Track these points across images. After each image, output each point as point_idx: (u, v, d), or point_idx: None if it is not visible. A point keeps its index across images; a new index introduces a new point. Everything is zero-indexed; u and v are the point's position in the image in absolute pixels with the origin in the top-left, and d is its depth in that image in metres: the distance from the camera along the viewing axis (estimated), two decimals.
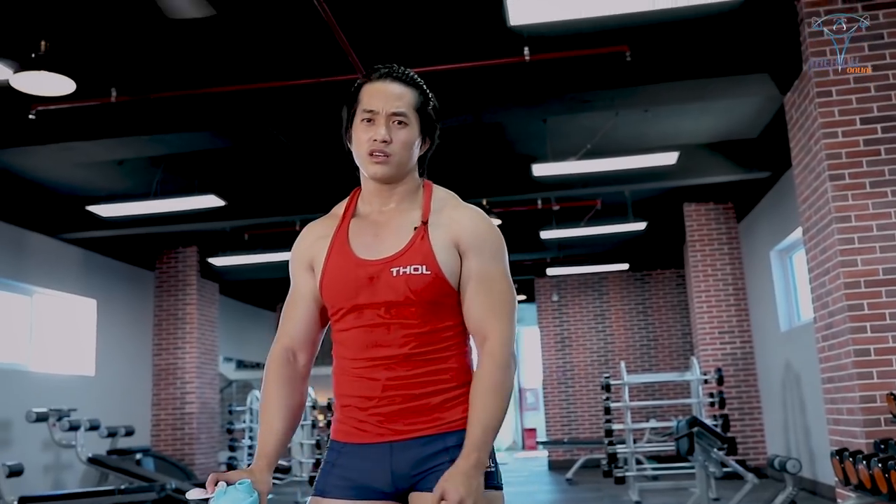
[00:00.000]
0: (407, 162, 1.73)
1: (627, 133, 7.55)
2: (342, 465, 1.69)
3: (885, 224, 4.90)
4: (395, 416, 1.64)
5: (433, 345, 1.66)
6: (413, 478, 1.64)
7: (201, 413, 10.83)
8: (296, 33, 5.60)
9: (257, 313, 15.20)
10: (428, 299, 1.65)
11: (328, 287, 1.71)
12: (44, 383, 8.58)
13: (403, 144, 1.71)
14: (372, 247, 1.70)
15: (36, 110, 5.86)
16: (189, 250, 10.95)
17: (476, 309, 1.69)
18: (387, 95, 1.72)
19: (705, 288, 10.14)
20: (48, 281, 8.91)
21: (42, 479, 8.35)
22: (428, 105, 1.77)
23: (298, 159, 7.96)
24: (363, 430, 1.67)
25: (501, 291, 1.71)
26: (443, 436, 1.64)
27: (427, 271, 1.64)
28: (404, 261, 1.65)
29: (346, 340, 1.70)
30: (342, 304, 1.69)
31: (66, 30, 5.35)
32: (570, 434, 12.80)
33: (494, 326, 1.67)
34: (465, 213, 1.73)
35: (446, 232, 1.69)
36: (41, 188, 8.48)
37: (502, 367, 1.64)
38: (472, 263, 1.69)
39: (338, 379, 1.72)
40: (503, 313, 1.69)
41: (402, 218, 1.73)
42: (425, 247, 1.67)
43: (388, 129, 1.69)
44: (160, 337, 10.87)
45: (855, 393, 4.81)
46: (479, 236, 1.71)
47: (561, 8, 4.53)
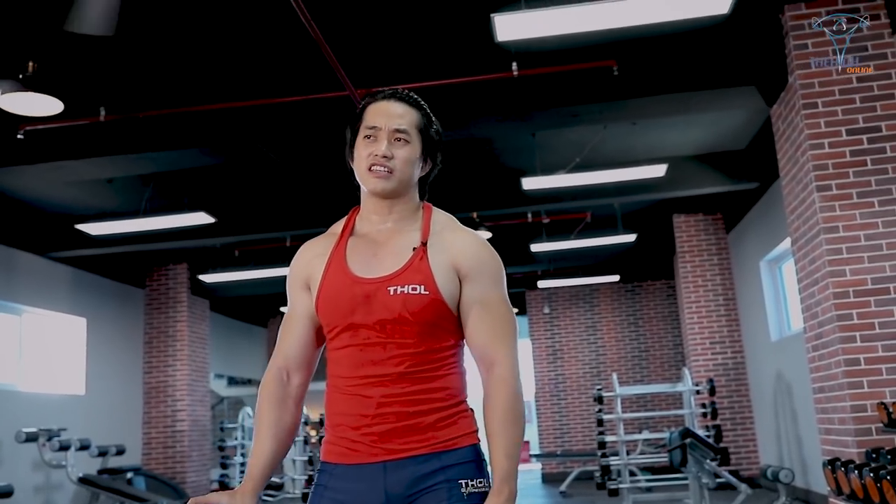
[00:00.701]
0: (408, 179, 1.74)
1: (616, 146, 7.59)
2: (334, 487, 1.66)
3: (873, 234, 4.94)
4: (389, 435, 1.62)
5: (428, 364, 1.66)
6: (407, 498, 1.62)
7: (192, 431, 10.78)
8: (284, 51, 5.61)
9: (248, 329, 15.15)
10: (425, 320, 1.64)
11: (324, 305, 1.70)
12: (33, 403, 8.52)
13: (405, 161, 1.72)
14: (370, 265, 1.70)
15: (24, 130, 5.85)
16: (179, 267, 10.92)
17: (481, 335, 1.70)
18: (390, 114, 1.73)
19: (696, 299, 10.17)
20: (37, 300, 8.87)
21: (32, 500, 8.29)
22: (431, 127, 1.78)
23: (288, 176, 7.97)
24: (355, 450, 1.65)
25: (504, 315, 1.72)
26: (438, 455, 1.62)
27: (425, 291, 1.64)
28: (402, 280, 1.65)
29: (341, 359, 1.69)
30: (338, 321, 1.69)
31: (54, 50, 5.35)
32: (563, 446, 12.78)
33: (501, 351, 1.68)
34: (465, 239, 1.74)
35: (446, 255, 1.69)
36: (30, 207, 8.45)
37: (516, 393, 1.66)
38: (474, 289, 1.70)
39: (330, 398, 1.71)
40: (507, 337, 1.70)
41: (401, 238, 1.73)
42: (424, 267, 1.67)
43: (390, 146, 1.71)
44: (151, 355, 10.82)
45: (846, 402, 4.83)
46: (480, 262, 1.71)
47: (548, 24, 4.56)
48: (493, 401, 1.66)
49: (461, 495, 1.60)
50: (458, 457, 1.63)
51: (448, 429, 1.64)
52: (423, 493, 1.61)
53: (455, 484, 1.61)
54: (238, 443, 10.44)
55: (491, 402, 1.66)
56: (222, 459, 10.26)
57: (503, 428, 1.63)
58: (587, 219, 9.51)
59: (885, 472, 4.00)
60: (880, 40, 5.07)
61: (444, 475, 1.61)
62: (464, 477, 1.62)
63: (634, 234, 9.83)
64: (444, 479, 1.60)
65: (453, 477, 1.61)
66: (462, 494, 1.60)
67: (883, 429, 4.55)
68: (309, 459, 10.07)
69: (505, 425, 1.63)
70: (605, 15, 4.52)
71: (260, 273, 10.39)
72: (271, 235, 9.27)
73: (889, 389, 4.73)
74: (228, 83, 6.05)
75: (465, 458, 1.64)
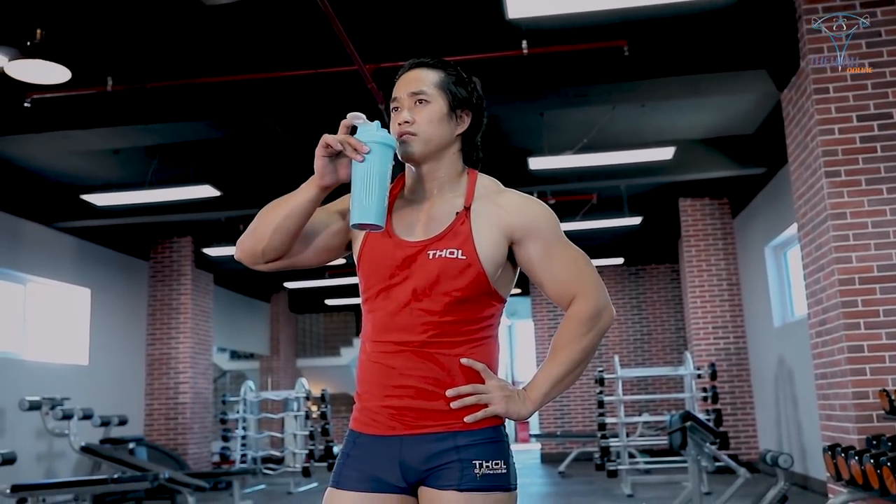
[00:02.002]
0: (437, 139, 1.70)
1: (624, 128, 7.56)
2: (356, 456, 1.67)
3: (880, 221, 4.92)
4: (407, 411, 1.62)
5: (454, 336, 1.64)
6: (423, 473, 1.62)
7: (195, 403, 10.83)
8: (293, 24, 5.58)
9: (251, 304, 15.18)
10: (458, 287, 1.63)
11: (365, 265, 1.70)
12: (37, 372, 8.56)
13: (427, 121, 1.69)
14: (413, 228, 1.69)
15: (31, 98, 5.83)
16: (184, 240, 10.93)
17: (556, 287, 1.71)
18: (408, 82, 1.73)
19: (699, 283, 10.16)
20: (42, 270, 8.88)
21: (35, 468, 8.35)
22: (458, 82, 1.74)
23: (294, 150, 7.94)
24: (376, 421, 1.65)
25: (572, 261, 1.72)
26: (454, 434, 1.61)
27: (462, 256, 1.62)
28: (442, 244, 1.64)
29: (372, 321, 1.70)
30: (376, 282, 1.68)
31: (62, 18, 5.32)
32: (563, 427, 12.83)
33: (578, 289, 1.70)
34: (510, 199, 1.72)
35: (492, 220, 1.67)
36: (36, 177, 8.45)
37: (584, 321, 1.69)
38: (533, 247, 1.70)
39: (361, 365, 1.72)
40: (581, 275, 1.71)
41: (445, 203, 1.71)
42: (464, 231, 1.65)
43: (410, 111, 1.70)
44: (154, 327, 10.85)
45: (848, 389, 4.83)
46: (531, 219, 1.70)
47: (559, 2, 4.53)
48: (560, 327, 1.71)
49: (473, 476, 1.59)
50: (475, 437, 1.61)
51: (467, 408, 1.62)
52: (437, 469, 1.61)
53: (469, 464, 1.59)
54: (240, 416, 10.49)
55: (560, 328, 1.71)
56: (224, 432, 10.32)
57: (555, 345, 1.70)
58: (593, 200, 9.49)
59: (885, 458, 4.01)
60: (893, 26, 5.02)
61: (457, 454, 1.60)
62: (479, 458, 1.60)
63: (640, 217, 9.80)
64: (457, 458, 1.60)
65: (467, 457, 1.60)
66: (475, 475, 1.59)
67: (884, 416, 4.56)
68: (310, 434, 10.12)
69: (557, 345, 1.70)
70: None
71: None
72: None
73: (891, 377, 4.73)
74: (236, 56, 6.02)
75: (481, 439, 1.62)
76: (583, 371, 1.72)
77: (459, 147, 1.76)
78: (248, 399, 10.69)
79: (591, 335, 1.69)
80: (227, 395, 10.94)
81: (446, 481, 1.59)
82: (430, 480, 1.61)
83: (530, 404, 1.66)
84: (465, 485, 1.58)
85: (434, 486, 1.61)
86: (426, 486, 1.62)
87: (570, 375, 1.69)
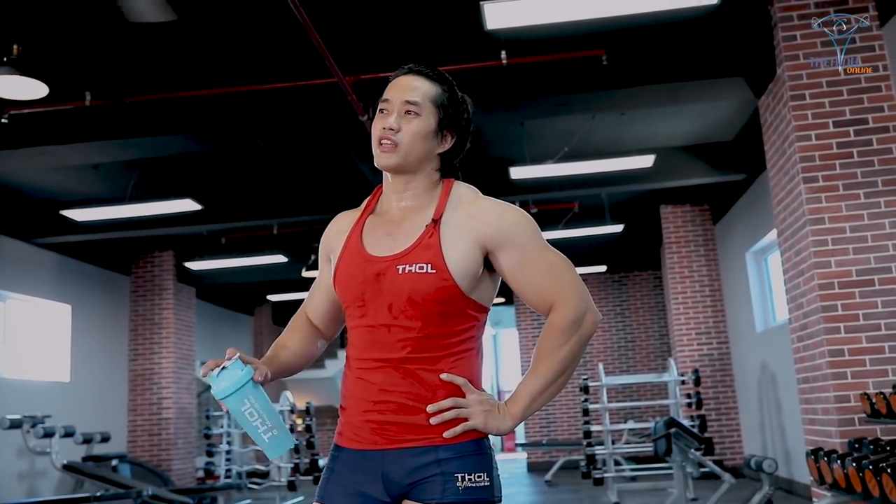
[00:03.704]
0: (417, 154, 1.68)
1: (604, 136, 7.59)
2: (339, 471, 1.67)
3: (858, 226, 4.96)
4: (388, 425, 1.62)
5: (433, 351, 1.62)
6: (405, 487, 1.61)
7: (178, 418, 10.75)
8: (272, 37, 5.58)
9: (234, 317, 15.11)
10: (432, 302, 1.60)
11: (339, 282, 1.70)
12: (18, 389, 8.47)
13: (413, 134, 1.67)
14: (384, 244, 1.68)
15: (9, 114, 5.79)
16: (165, 254, 10.86)
17: (533, 294, 1.68)
18: (403, 87, 1.70)
19: (682, 289, 10.21)
20: (22, 286, 8.80)
21: (16, 487, 8.25)
22: (451, 101, 1.72)
23: (275, 163, 7.93)
24: (359, 435, 1.65)
25: (550, 266, 1.68)
26: (435, 448, 1.60)
27: (432, 270, 1.60)
28: (410, 259, 1.62)
29: (353, 338, 1.70)
30: (351, 300, 1.68)
31: (39, 33, 5.29)
32: (549, 435, 12.83)
33: (556, 296, 1.67)
34: (484, 208, 1.68)
35: (464, 230, 1.64)
36: (15, 192, 8.38)
37: (563, 330, 1.65)
38: (510, 255, 1.66)
39: (344, 379, 1.72)
40: (560, 281, 1.67)
41: (416, 216, 1.69)
42: (433, 245, 1.62)
43: (399, 119, 1.67)
44: (136, 342, 10.77)
45: (830, 393, 4.86)
46: (506, 227, 1.66)
47: (537, 12, 4.55)
48: (540, 337, 1.69)
49: (456, 489, 1.58)
50: (456, 451, 1.60)
51: (448, 423, 1.61)
52: (420, 483, 1.60)
53: (451, 477, 1.58)
54: (224, 431, 10.41)
55: (539, 338, 1.69)
56: (208, 447, 10.23)
57: (536, 356, 1.68)
58: (575, 209, 9.52)
59: (867, 461, 4.03)
60: (868, 32, 5.08)
61: (439, 468, 1.59)
62: (461, 471, 1.59)
63: (622, 225, 9.85)
64: (439, 471, 1.59)
65: (449, 471, 1.58)
66: (457, 488, 1.58)
67: (866, 419, 4.59)
68: (295, 448, 10.06)
69: (537, 356, 1.67)
70: (595, 4, 4.52)
71: (246, 261, 10.36)
72: (258, 223, 9.23)
73: (872, 380, 4.77)
74: (216, 69, 6.01)
75: (463, 452, 1.60)
76: (567, 380, 1.69)
77: (438, 165, 1.74)
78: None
79: (571, 344, 1.65)
80: (210, 410, 10.84)
81: (429, 495, 1.58)
82: (413, 494, 1.61)
83: (510, 419, 1.64)
84: (448, 498, 1.57)
85: (417, 499, 1.60)
86: (409, 499, 1.61)
87: (552, 387, 1.66)
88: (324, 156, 7.72)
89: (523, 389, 1.66)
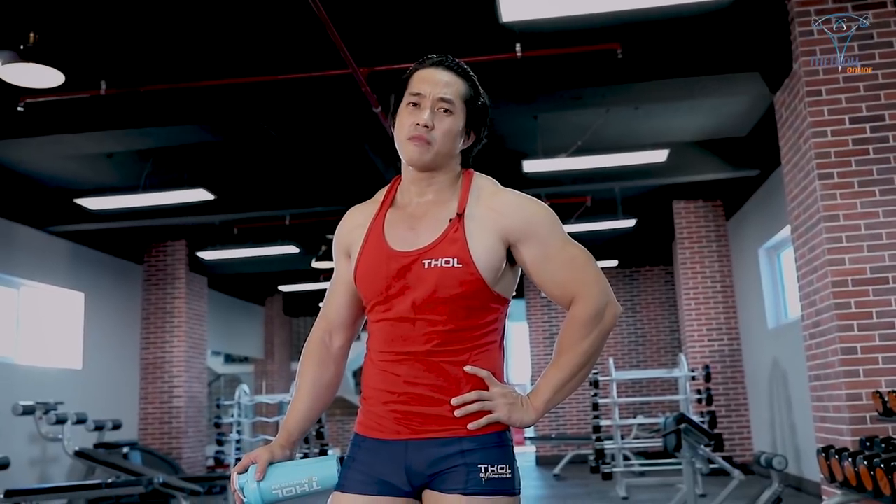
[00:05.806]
0: (448, 152, 1.69)
1: (618, 130, 7.57)
2: (361, 460, 1.67)
3: (873, 223, 4.93)
4: (412, 415, 1.63)
5: (458, 343, 1.63)
6: (428, 477, 1.62)
7: (189, 407, 10.81)
8: (287, 27, 5.58)
9: (246, 307, 15.16)
10: (457, 295, 1.61)
11: (361, 278, 1.70)
12: (31, 376, 8.54)
13: (446, 133, 1.67)
14: (407, 239, 1.67)
15: (24, 102, 5.82)
16: (178, 244, 10.91)
17: (555, 287, 1.69)
18: (436, 81, 1.68)
19: (693, 285, 10.18)
20: (36, 274, 8.86)
21: (28, 473, 8.32)
22: (478, 99, 1.73)
23: (288, 154, 7.94)
24: (382, 424, 1.66)
25: (571, 259, 1.69)
26: (459, 439, 1.61)
27: (459, 264, 1.60)
28: (437, 253, 1.62)
29: (376, 332, 1.70)
30: (374, 295, 1.68)
31: (56, 21, 5.31)
32: (558, 430, 12.83)
33: (577, 290, 1.67)
34: (504, 200, 1.69)
35: (487, 224, 1.65)
36: (29, 180, 8.43)
37: (584, 323, 1.66)
38: (532, 249, 1.67)
39: (365, 371, 1.72)
40: (581, 274, 1.68)
41: (440, 210, 1.69)
42: (459, 239, 1.62)
43: (433, 115, 1.66)
44: (148, 331, 10.83)
45: (841, 391, 4.84)
46: (527, 219, 1.68)
47: (553, 5, 4.54)
48: (561, 331, 1.70)
49: (479, 480, 1.59)
50: (480, 442, 1.61)
51: (472, 415, 1.62)
52: (442, 473, 1.61)
53: (474, 468, 1.59)
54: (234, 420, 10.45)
55: (560, 332, 1.70)
56: (218, 436, 10.27)
57: (557, 350, 1.69)
58: (587, 203, 9.50)
59: (878, 460, 4.02)
60: (886, 28, 5.04)
61: (462, 459, 1.60)
62: (484, 462, 1.60)
63: (634, 220, 9.82)
64: (462, 462, 1.59)
65: (472, 462, 1.60)
66: (480, 479, 1.59)
67: (878, 417, 4.57)
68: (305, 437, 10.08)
69: (559, 349, 1.68)
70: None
71: (259, 251, 10.39)
72: (271, 213, 9.25)
73: (885, 378, 4.75)
74: (230, 59, 6.01)
75: (486, 444, 1.62)
76: (588, 373, 1.70)
77: (459, 160, 1.76)
78: (242, 403, 10.63)
79: (592, 337, 1.66)
80: (221, 399, 10.90)
81: (452, 485, 1.59)
82: (435, 484, 1.62)
83: (533, 411, 1.65)
84: (471, 488, 1.58)
85: (439, 489, 1.61)
86: (431, 489, 1.62)
87: (574, 379, 1.68)
88: (337, 147, 7.73)
89: (545, 382, 1.67)
